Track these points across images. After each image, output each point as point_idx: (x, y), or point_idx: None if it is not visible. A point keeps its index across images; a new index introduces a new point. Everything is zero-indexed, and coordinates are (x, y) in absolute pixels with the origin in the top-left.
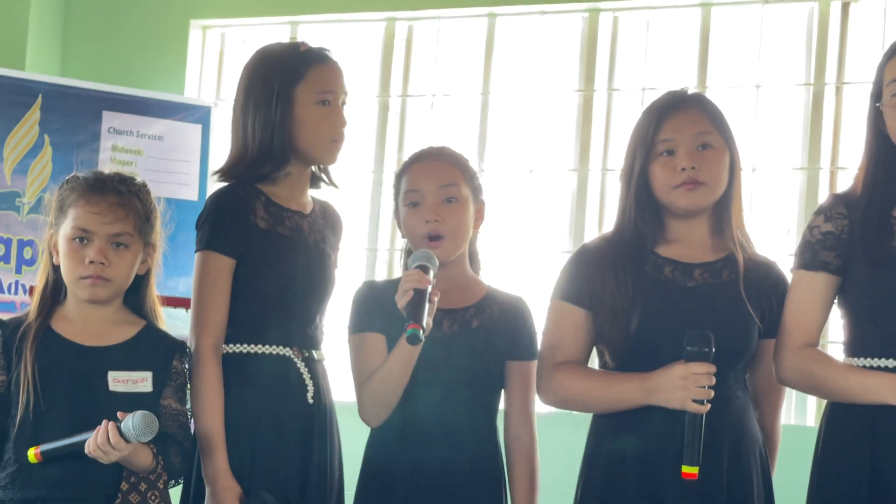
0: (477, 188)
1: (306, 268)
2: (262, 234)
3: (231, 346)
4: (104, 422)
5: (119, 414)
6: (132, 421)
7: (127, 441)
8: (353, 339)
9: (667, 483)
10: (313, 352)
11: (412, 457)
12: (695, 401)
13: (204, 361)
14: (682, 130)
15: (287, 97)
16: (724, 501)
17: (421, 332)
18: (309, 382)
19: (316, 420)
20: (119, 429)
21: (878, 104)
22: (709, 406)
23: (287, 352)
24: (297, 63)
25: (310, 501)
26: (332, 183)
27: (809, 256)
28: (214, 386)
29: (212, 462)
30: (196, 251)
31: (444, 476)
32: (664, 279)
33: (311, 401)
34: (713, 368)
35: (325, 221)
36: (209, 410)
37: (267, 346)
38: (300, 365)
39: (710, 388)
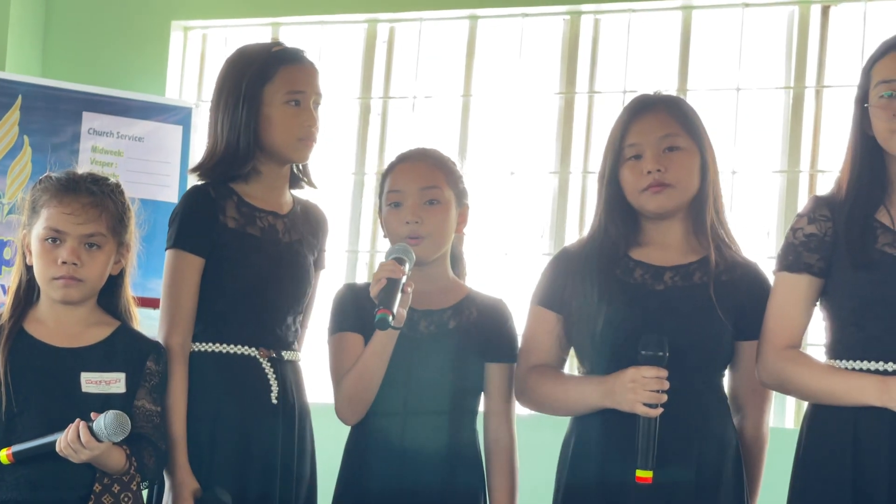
0: (461, 192)
1: (276, 268)
2: (230, 234)
3: (197, 344)
4: (76, 421)
5: (92, 414)
6: (104, 420)
7: (98, 440)
8: (331, 340)
9: (630, 487)
10: (283, 352)
11: (389, 458)
12: (646, 405)
13: (170, 359)
14: (649, 133)
15: (255, 97)
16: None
17: (390, 317)
18: (273, 383)
19: (280, 421)
20: (91, 428)
21: (865, 105)
22: (660, 410)
23: (252, 352)
24: (267, 63)
25: (270, 501)
26: (310, 183)
27: (792, 258)
28: (178, 384)
29: (172, 458)
30: (166, 249)
31: (422, 478)
32: (632, 283)
33: (274, 401)
34: (664, 373)
35: (307, 222)
36: (172, 407)
37: (232, 346)
38: (265, 365)
39: (665, 392)
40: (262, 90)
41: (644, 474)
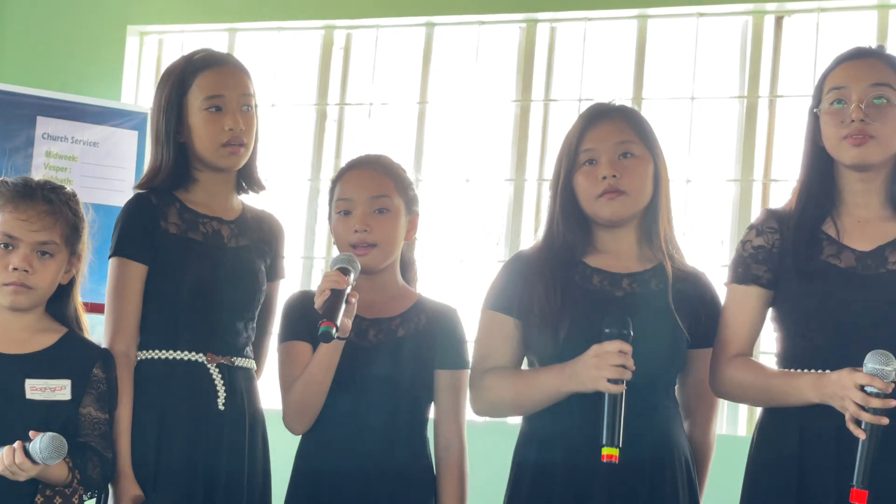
0: (411, 199)
1: (220, 272)
2: (172, 240)
3: (144, 352)
4: (16, 443)
5: (31, 433)
6: (39, 444)
7: (34, 462)
8: (280, 348)
9: (593, 486)
10: (233, 359)
11: (340, 467)
12: (610, 381)
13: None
14: (604, 139)
15: (179, 107)
16: None
17: (333, 329)
18: (221, 389)
19: (226, 427)
20: (26, 449)
21: (815, 110)
22: (624, 386)
23: (200, 357)
24: (187, 72)
25: None
26: (253, 188)
27: (742, 271)
28: (122, 391)
29: (116, 466)
30: (109, 257)
31: (372, 486)
32: (593, 288)
33: (221, 407)
34: (628, 347)
35: (258, 229)
36: (116, 415)
37: (178, 352)
38: (213, 371)
39: (626, 367)
40: (185, 99)
41: (610, 452)
